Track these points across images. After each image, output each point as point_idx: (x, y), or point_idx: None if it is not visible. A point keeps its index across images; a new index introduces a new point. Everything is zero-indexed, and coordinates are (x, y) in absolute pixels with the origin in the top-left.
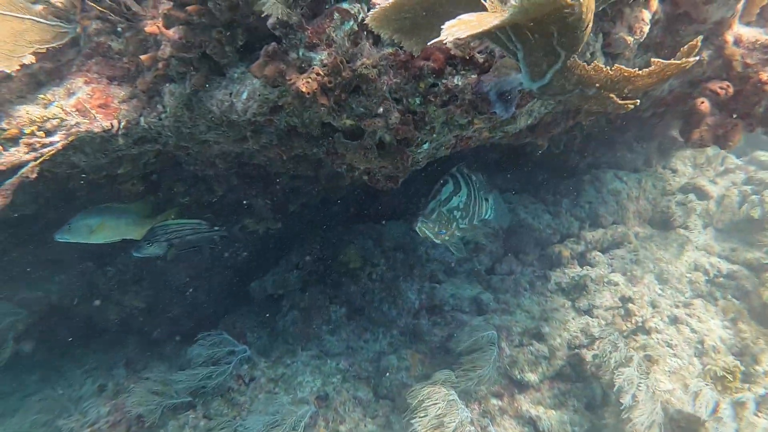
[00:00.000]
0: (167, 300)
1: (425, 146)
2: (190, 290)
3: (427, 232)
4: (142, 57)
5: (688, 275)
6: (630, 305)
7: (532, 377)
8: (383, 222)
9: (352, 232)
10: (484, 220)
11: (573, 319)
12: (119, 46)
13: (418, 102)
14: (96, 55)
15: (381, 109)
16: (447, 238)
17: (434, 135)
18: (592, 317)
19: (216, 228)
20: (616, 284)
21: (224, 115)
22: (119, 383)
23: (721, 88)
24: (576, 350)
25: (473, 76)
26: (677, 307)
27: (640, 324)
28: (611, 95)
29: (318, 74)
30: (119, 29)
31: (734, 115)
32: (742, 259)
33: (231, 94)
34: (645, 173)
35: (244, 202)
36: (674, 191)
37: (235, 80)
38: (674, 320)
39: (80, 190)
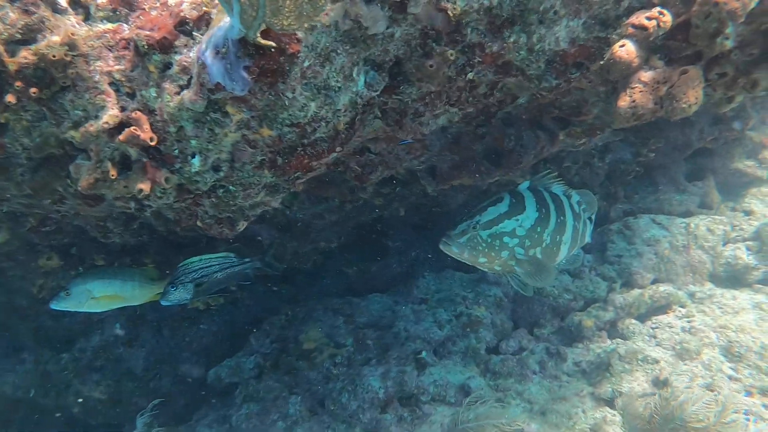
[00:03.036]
0: (130, 389)
1: (195, 161)
2: (154, 378)
3: (453, 255)
4: None
5: None
6: (663, 392)
7: None
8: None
9: (323, 307)
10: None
11: (584, 412)
12: None
13: (153, 94)
14: None
15: (99, 110)
16: (498, 268)
17: (193, 141)
18: (613, 408)
19: (247, 260)
20: (656, 362)
21: None
22: None
23: (650, 18)
24: None
25: None
26: (752, 394)
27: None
28: None
29: None
30: None
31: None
32: None
33: None
34: (697, 217)
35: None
36: (746, 237)
37: None
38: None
39: (10, 269)
